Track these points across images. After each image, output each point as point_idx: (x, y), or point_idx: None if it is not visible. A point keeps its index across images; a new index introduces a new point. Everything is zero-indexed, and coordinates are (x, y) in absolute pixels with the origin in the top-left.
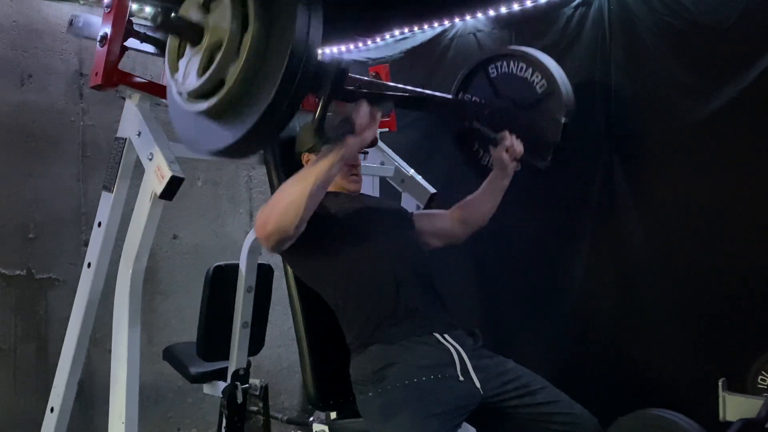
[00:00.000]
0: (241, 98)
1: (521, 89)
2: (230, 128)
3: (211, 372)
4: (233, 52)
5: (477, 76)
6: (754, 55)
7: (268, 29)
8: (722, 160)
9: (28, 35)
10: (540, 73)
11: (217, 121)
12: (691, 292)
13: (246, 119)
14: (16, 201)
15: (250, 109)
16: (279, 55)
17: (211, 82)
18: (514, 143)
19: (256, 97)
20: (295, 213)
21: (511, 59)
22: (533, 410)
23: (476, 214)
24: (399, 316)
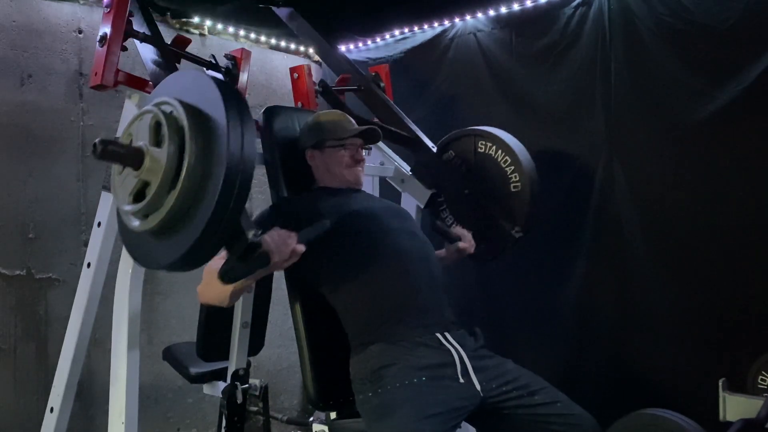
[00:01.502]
0: (171, 228)
1: (497, 177)
2: (166, 248)
3: (211, 372)
4: (164, 194)
5: (465, 142)
6: (754, 55)
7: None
8: (722, 160)
9: (28, 35)
10: (518, 174)
11: (153, 239)
12: (691, 293)
13: (180, 243)
14: (16, 201)
15: (183, 236)
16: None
17: (141, 213)
18: (467, 247)
19: (189, 225)
20: (219, 303)
21: (499, 147)
22: (533, 411)
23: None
24: (400, 315)
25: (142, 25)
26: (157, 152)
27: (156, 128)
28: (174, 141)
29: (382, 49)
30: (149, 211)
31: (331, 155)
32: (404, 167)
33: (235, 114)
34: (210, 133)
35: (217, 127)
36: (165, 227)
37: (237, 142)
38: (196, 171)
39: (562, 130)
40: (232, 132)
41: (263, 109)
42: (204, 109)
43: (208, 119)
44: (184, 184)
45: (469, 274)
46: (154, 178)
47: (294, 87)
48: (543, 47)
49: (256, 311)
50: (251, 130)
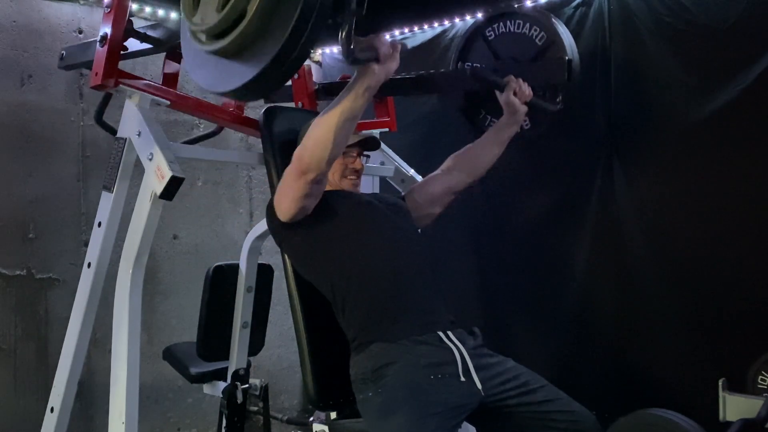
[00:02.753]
0: (259, 31)
1: (522, 46)
2: (248, 64)
3: (211, 372)
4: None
5: (475, 43)
6: (754, 55)
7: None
8: (722, 160)
9: (28, 35)
10: (537, 27)
11: (234, 59)
12: (691, 292)
13: (265, 53)
14: (16, 201)
15: (269, 42)
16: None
17: (230, 17)
18: (521, 85)
19: (275, 28)
20: (325, 146)
21: (507, 18)
22: (533, 409)
23: (476, 162)
24: (400, 313)
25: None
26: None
27: None
28: None
29: None
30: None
31: None
32: (404, 167)
33: None
34: None
35: None
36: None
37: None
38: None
39: (562, 130)
40: None
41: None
42: None
43: None
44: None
45: (468, 273)
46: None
47: (294, 87)
48: None
49: (256, 311)
50: None
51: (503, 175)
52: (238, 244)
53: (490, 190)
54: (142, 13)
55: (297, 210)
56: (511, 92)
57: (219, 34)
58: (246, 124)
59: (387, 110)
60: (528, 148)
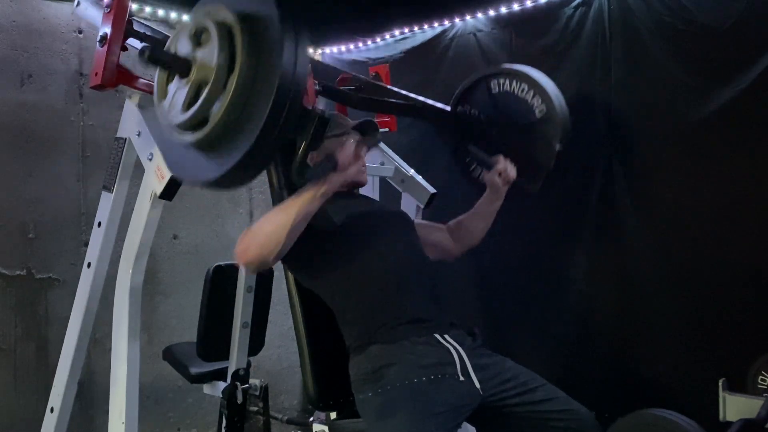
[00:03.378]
0: (225, 135)
1: (520, 110)
2: (216, 162)
3: (211, 372)
4: (219, 91)
5: (477, 90)
6: (754, 55)
7: (255, 65)
8: (722, 160)
9: (28, 35)
10: (540, 97)
11: (203, 153)
12: (691, 293)
13: (231, 155)
14: (16, 201)
15: (235, 146)
16: (265, 91)
17: (196, 119)
18: (507, 168)
19: (241, 134)
20: (274, 244)
21: (513, 78)
22: (532, 408)
23: (468, 234)
24: (399, 318)
25: (142, 25)
26: (205, 53)
27: (198, 36)
28: (224, 38)
29: (382, 49)
30: (205, 112)
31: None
32: (404, 167)
33: (289, 21)
34: (260, 34)
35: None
36: (219, 133)
37: (291, 47)
38: (247, 83)
39: None
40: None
41: None
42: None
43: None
44: (238, 79)
45: (468, 273)
46: (207, 74)
47: None
48: (543, 47)
49: (256, 311)
50: (305, 48)
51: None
52: None
53: None
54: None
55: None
56: (496, 174)
57: (187, 128)
58: None
59: None
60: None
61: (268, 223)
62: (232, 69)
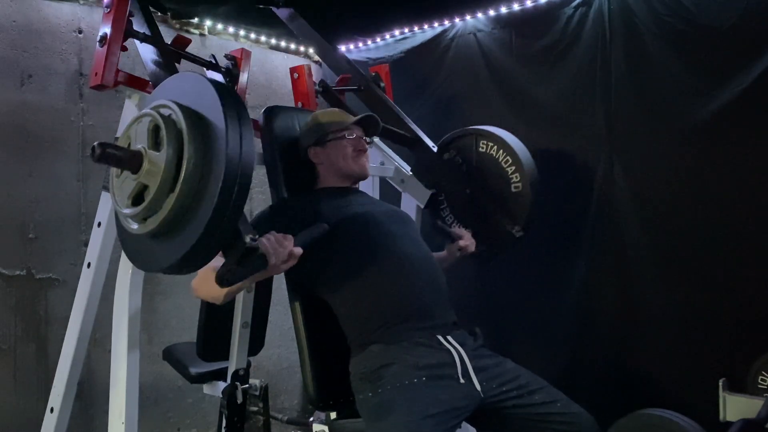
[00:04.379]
0: (171, 230)
1: (498, 177)
2: (165, 250)
3: (211, 372)
4: (163, 199)
5: (467, 141)
6: (754, 55)
7: (201, 164)
8: (722, 160)
9: (28, 35)
10: (519, 175)
11: (152, 241)
12: (691, 292)
13: (180, 245)
14: (16, 201)
15: (184, 238)
16: (212, 186)
17: (142, 216)
18: (468, 245)
19: (188, 227)
20: (214, 300)
21: (501, 147)
22: (532, 410)
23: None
24: (401, 317)
25: (142, 25)
26: (155, 156)
27: (155, 132)
28: (172, 144)
29: (382, 49)
30: (148, 214)
31: (334, 148)
32: (404, 167)
33: (233, 116)
34: (208, 136)
35: (215, 130)
36: (164, 230)
37: (235, 144)
38: (195, 174)
39: (562, 130)
40: (231, 134)
41: (263, 109)
42: (202, 112)
43: (206, 122)
44: (183, 187)
45: (469, 274)
46: (152, 181)
47: (294, 87)
48: (543, 47)
49: (256, 311)
50: (249, 132)
51: None
52: None
53: None
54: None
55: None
56: (456, 247)
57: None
58: None
59: None
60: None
61: (205, 283)
62: (179, 171)
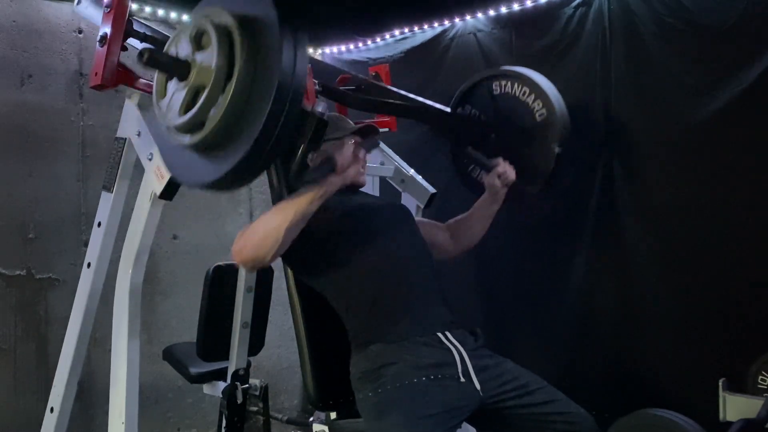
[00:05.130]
0: (223, 138)
1: (520, 113)
2: (214, 164)
3: (211, 372)
4: (217, 95)
5: (478, 91)
6: (754, 55)
7: (254, 68)
8: (722, 160)
9: (28, 35)
10: (542, 101)
11: (201, 156)
12: (691, 292)
13: (229, 158)
14: (16, 201)
15: (233, 149)
16: (264, 94)
17: (194, 122)
18: (506, 170)
19: (239, 137)
20: (271, 245)
21: (515, 81)
22: (531, 410)
23: (465, 236)
24: (401, 314)
25: (142, 25)
26: (204, 55)
27: (198, 38)
28: (223, 41)
29: (382, 49)
30: (202, 116)
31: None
32: (404, 167)
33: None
34: (260, 38)
35: (267, 32)
36: (216, 137)
37: (290, 50)
38: (245, 88)
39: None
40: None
41: None
42: (254, 15)
43: (258, 24)
44: (236, 85)
45: (469, 274)
46: (205, 78)
47: None
48: (543, 47)
49: (256, 311)
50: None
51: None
52: None
53: None
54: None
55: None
56: (495, 176)
57: (185, 130)
58: None
59: None
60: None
61: (264, 223)
62: (231, 73)
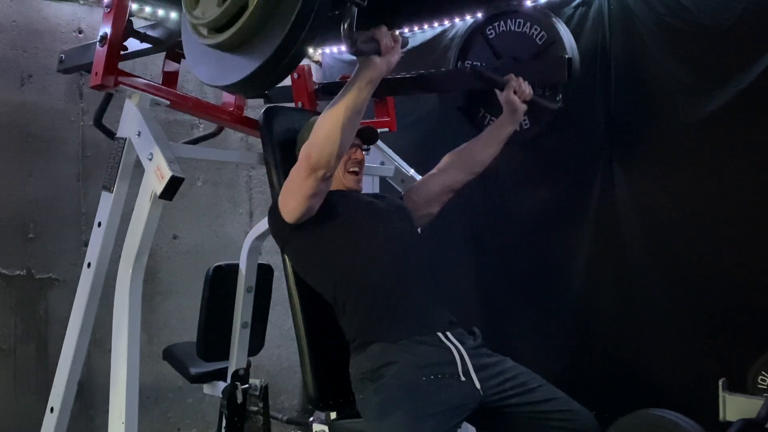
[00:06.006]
0: (260, 25)
1: (522, 44)
2: (248, 58)
3: (211, 372)
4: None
5: (475, 42)
6: (754, 55)
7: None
8: (722, 160)
9: (28, 35)
10: (538, 26)
11: (235, 53)
12: (690, 292)
13: (265, 47)
14: (16, 201)
15: (269, 36)
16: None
17: (231, 10)
18: (521, 84)
19: (276, 22)
20: (333, 141)
21: (507, 17)
22: (531, 408)
23: (474, 160)
24: (400, 314)
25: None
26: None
27: None
28: None
29: None
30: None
31: None
32: (404, 167)
33: None
34: None
35: None
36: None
37: None
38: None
39: (562, 130)
40: None
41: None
42: None
43: None
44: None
45: (469, 274)
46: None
47: (294, 87)
48: None
49: (256, 311)
50: None
51: (503, 175)
52: (238, 244)
53: (490, 190)
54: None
55: (305, 210)
56: (511, 91)
57: (220, 27)
58: (246, 124)
59: (387, 110)
60: (528, 148)
61: (324, 124)
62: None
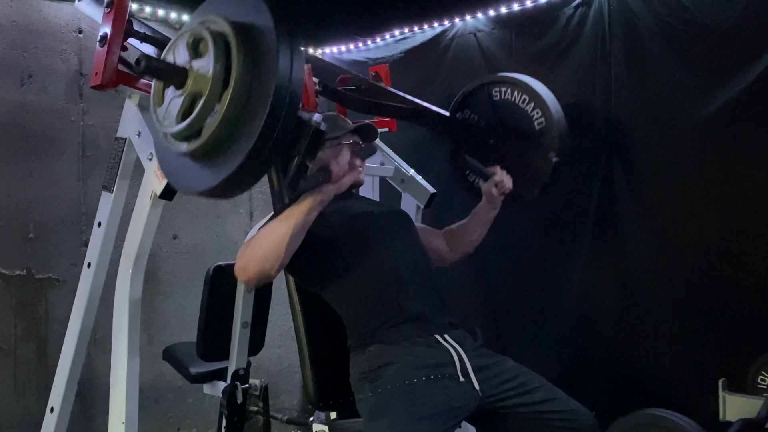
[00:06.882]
0: (220, 146)
1: (519, 120)
2: (211, 172)
3: (211, 372)
4: (214, 103)
5: (478, 96)
6: (754, 55)
7: (250, 76)
8: (722, 160)
9: (28, 35)
10: (540, 110)
11: (198, 163)
12: (690, 293)
13: (226, 166)
14: (16, 201)
15: (230, 156)
16: (261, 102)
17: (191, 130)
18: (503, 179)
19: (236, 145)
20: (274, 259)
21: (515, 88)
22: (531, 408)
23: (463, 242)
24: (400, 318)
25: (142, 25)
26: (201, 63)
27: (194, 46)
28: (220, 49)
29: (382, 49)
30: (199, 124)
31: (330, 152)
32: (404, 167)
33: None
34: (256, 44)
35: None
36: (213, 145)
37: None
38: (241, 98)
39: None
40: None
41: None
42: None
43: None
44: (233, 93)
45: (469, 273)
46: (203, 85)
47: None
48: (543, 47)
49: (256, 311)
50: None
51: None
52: (238, 244)
53: None
54: (142, 13)
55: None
56: (492, 184)
57: (182, 138)
58: None
59: None
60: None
61: (265, 237)
62: (227, 81)
